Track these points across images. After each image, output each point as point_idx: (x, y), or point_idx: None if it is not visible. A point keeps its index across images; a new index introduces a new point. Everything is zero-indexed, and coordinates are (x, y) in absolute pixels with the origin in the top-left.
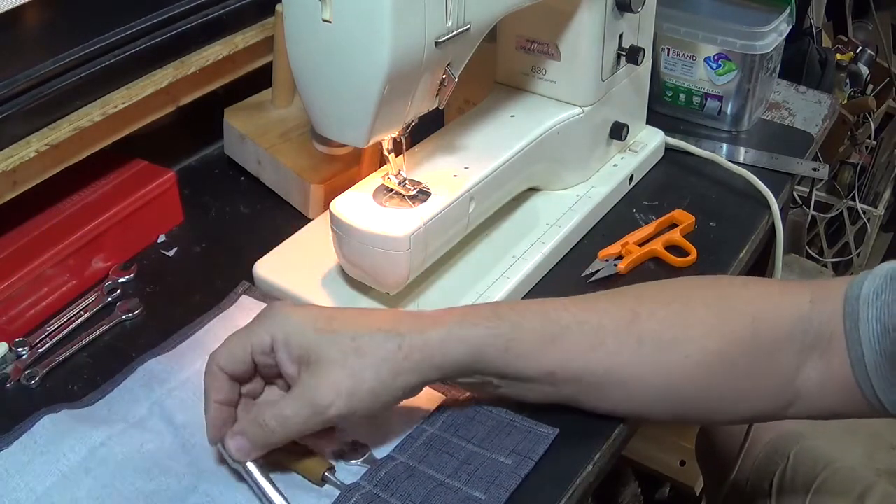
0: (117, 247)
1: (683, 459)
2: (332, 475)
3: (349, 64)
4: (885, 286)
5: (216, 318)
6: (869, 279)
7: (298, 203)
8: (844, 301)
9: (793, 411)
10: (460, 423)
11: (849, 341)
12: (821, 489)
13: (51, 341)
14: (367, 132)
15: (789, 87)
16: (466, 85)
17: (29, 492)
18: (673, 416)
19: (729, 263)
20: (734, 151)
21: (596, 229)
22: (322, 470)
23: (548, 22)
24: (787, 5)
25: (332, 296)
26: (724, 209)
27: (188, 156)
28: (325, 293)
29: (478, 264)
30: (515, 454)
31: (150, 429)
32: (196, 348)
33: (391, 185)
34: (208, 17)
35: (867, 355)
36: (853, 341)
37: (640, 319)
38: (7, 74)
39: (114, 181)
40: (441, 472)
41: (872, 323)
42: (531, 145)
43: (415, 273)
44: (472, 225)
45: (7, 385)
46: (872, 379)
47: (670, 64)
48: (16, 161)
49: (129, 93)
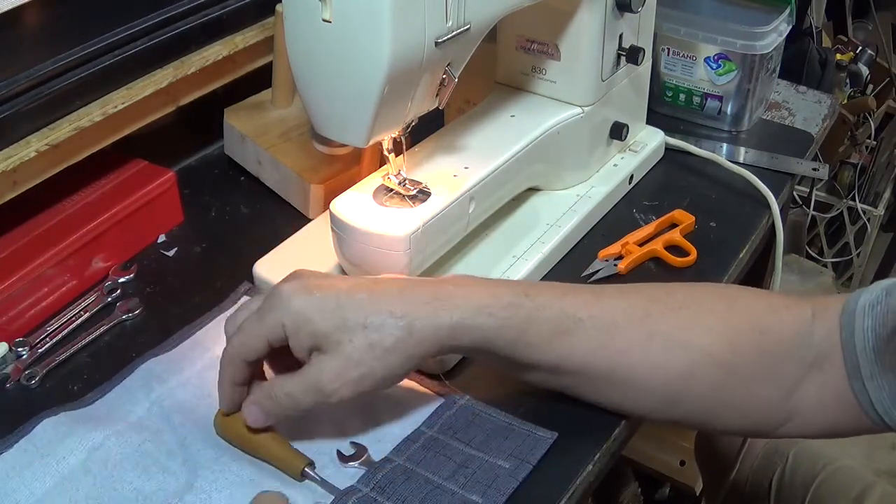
0: (117, 247)
1: (683, 459)
2: (312, 471)
3: (349, 64)
4: (881, 298)
5: (217, 318)
6: (865, 293)
7: (298, 203)
8: (841, 313)
9: (790, 427)
10: (458, 426)
11: (845, 353)
12: (820, 489)
13: (51, 341)
14: (367, 132)
15: (789, 87)
16: (466, 85)
17: (29, 494)
18: (669, 419)
19: (729, 263)
20: (734, 151)
21: (596, 229)
22: (302, 465)
23: (548, 22)
24: (787, 5)
25: None
26: (724, 209)
27: (188, 156)
28: None
29: (478, 264)
30: (513, 458)
31: (149, 428)
32: (196, 348)
33: (391, 185)
34: (208, 17)
35: (863, 366)
36: (849, 352)
37: (651, 319)
38: (7, 74)
39: (114, 181)
40: (438, 475)
41: (867, 333)
42: (531, 145)
43: (415, 273)
44: (472, 225)
45: (7, 385)
46: (869, 391)
47: (670, 64)
48: (16, 161)
49: (129, 93)
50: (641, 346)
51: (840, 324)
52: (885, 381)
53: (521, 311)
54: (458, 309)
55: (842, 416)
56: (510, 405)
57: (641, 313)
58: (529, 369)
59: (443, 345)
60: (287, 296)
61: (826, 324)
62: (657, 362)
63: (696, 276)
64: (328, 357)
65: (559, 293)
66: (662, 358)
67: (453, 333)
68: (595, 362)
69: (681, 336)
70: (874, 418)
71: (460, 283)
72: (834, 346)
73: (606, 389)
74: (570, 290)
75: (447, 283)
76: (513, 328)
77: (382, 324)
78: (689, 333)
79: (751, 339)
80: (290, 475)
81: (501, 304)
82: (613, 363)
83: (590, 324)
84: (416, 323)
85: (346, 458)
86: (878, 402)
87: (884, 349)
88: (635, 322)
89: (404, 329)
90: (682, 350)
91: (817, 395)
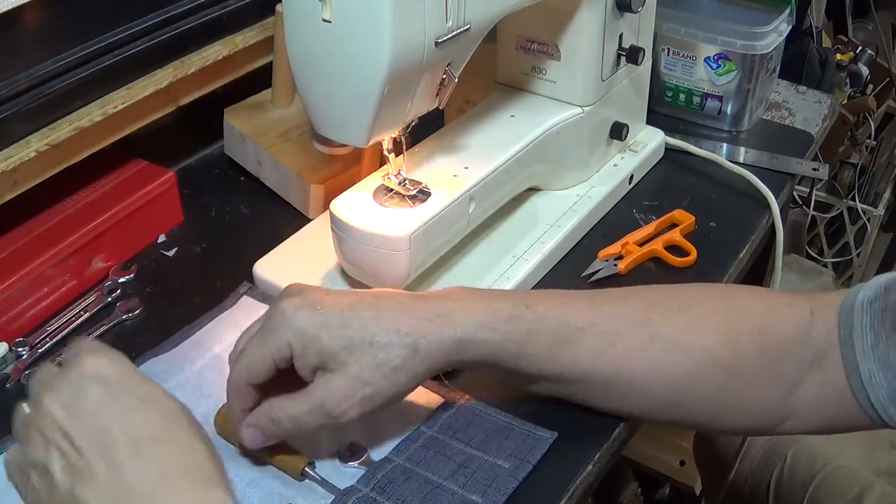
0: (117, 247)
1: (683, 459)
2: (312, 470)
3: (349, 64)
4: (879, 294)
5: (217, 318)
6: (864, 289)
7: (298, 203)
8: (840, 310)
9: (789, 425)
10: (459, 426)
11: (843, 350)
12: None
13: (51, 341)
14: (367, 132)
15: (789, 87)
16: (466, 85)
17: None
18: (672, 420)
19: (729, 263)
20: (734, 151)
21: (596, 229)
22: (302, 465)
23: (548, 22)
24: (787, 5)
25: None
26: (724, 209)
27: (188, 156)
28: None
29: (478, 264)
30: (513, 458)
31: None
32: (196, 348)
33: (391, 185)
34: (208, 17)
35: (861, 364)
36: (847, 350)
37: (652, 323)
38: (7, 74)
39: (114, 181)
40: (438, 475)
41: (866, 331)
42: (531, 145)
43: (415, 273)
44: (472, 225)
45: (7, 385)
46: (868, 389)
47: (670, 64)
48: (16, 161)
49: (129, 93)
50: (643, 351)
51: (838, 321)
52: (884, 379)
53: (522, 323)
54: (461, 325)
55: (840, 413)
56: (510, 405)
57: (642, 318)
58: (533, 380)
59: (448, 360)
60: (291, 313)
61: (825, 321)
62: (659, 366)
63: (696, 276)
64: (334, 377)
65: (559, 302)
66: (664, 362)
67: (457, 349)
68: (597, 369)
69: (682, 339)
70: (872, 416)
71: (460, 298)
72: (832, 344)
73: (609, 395)
74: (569, 298)
75: (447, 297)
76: (515, 341)
77: (389, 342)
78: (689, 336)
79: (752, 340)
80: (290, 475)
81: (502, 318)
82: (616, 369)
83: (590, 332)
84: (421, 341)
85: (346, 458)
86: (876, 400)
87: (882, 347)
88: (636, 327)
89: (410, 347)
90: (684, 353)
91: (816, 394)
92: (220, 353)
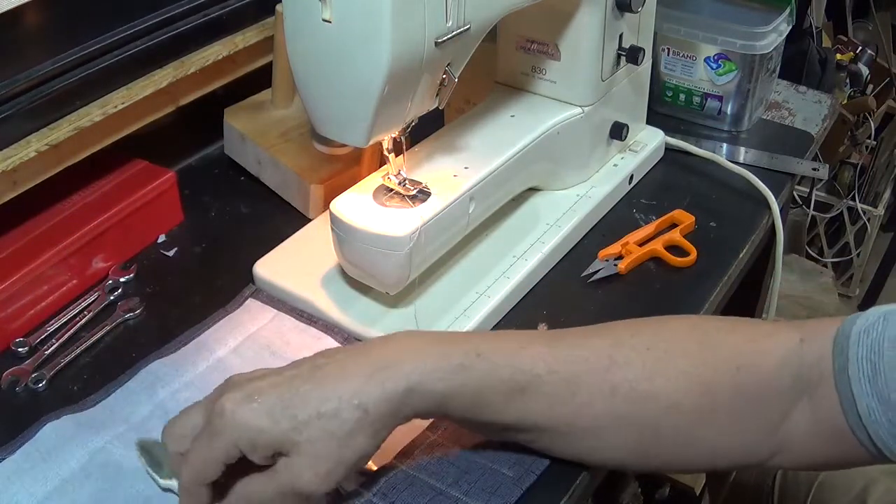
0: (117, 247)
1: None
2: None
3: (349, 64)
4: (877, 324)
5: (222, 320)
6: (861, 318)
7: (298, 203)
8: (835, 338)
9: (778, 460)
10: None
11: (838, 382)
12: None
13: (56, 343)
14: (367, 132)
15: (789, 87)
16: (466, 85)
17: (29, 496)
18: (644, 467)
19: (729, 263)
20: (734, 151)
21: (596, 229)
22: None
23: (548, 22)
24: (787, 5)
25: (331, 296)
26: (724, 209)
27: (188, 156)
28: (324, 293)
29: (478, 264)
30: (518, 466)
31: (152, 430)
32: (201, 350)
33: (391, 185)
34: (208, 17)
35: (859, 400)
36: (842, 382)
37: (615, 367)
38: (7, 74)
39: (114, 181)
40: (441, 482)
41: (862, 363)
42: (531, 145)
43: (415, 273)
44: (472, 225)
45: (16, 388)
46: (867, 425)
47: (670, 64)
48: (16, 161)
49: (129, 93)
50: (604, 400)
51: (833, 351)
52: (884, 416)
53: (473, 373)
54: (405, 377)
55: (836, 447)
56: None
57: (605, 362)
58: (489, 428)
59: (401, 414)
60: (230, 412)
61: (816, 350)
62: (621, 415)
63: (696, 276)
64: (292, 460)
65: (515, 347)
66: (626, 410)
67: (406, 401)
68: (556, 419)
69: (646, 386)
70: (874, 453)
71: (406, 345)
72: (825, 373)
73: (571, 444)
74: (526, 342)
75: (390, 344)
76: (465, 394)
77: (336, 410)
78: (655, 382)
79: (726, 379)
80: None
81: (451, 367)
82: (575, 417)
83: (548, 379)
84: (367, 399)
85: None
86: (878, 438)
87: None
88: (598, 372)
89: (359, 409)
90: (649, 401)
91: (808, 426)
92: (225, 357)
